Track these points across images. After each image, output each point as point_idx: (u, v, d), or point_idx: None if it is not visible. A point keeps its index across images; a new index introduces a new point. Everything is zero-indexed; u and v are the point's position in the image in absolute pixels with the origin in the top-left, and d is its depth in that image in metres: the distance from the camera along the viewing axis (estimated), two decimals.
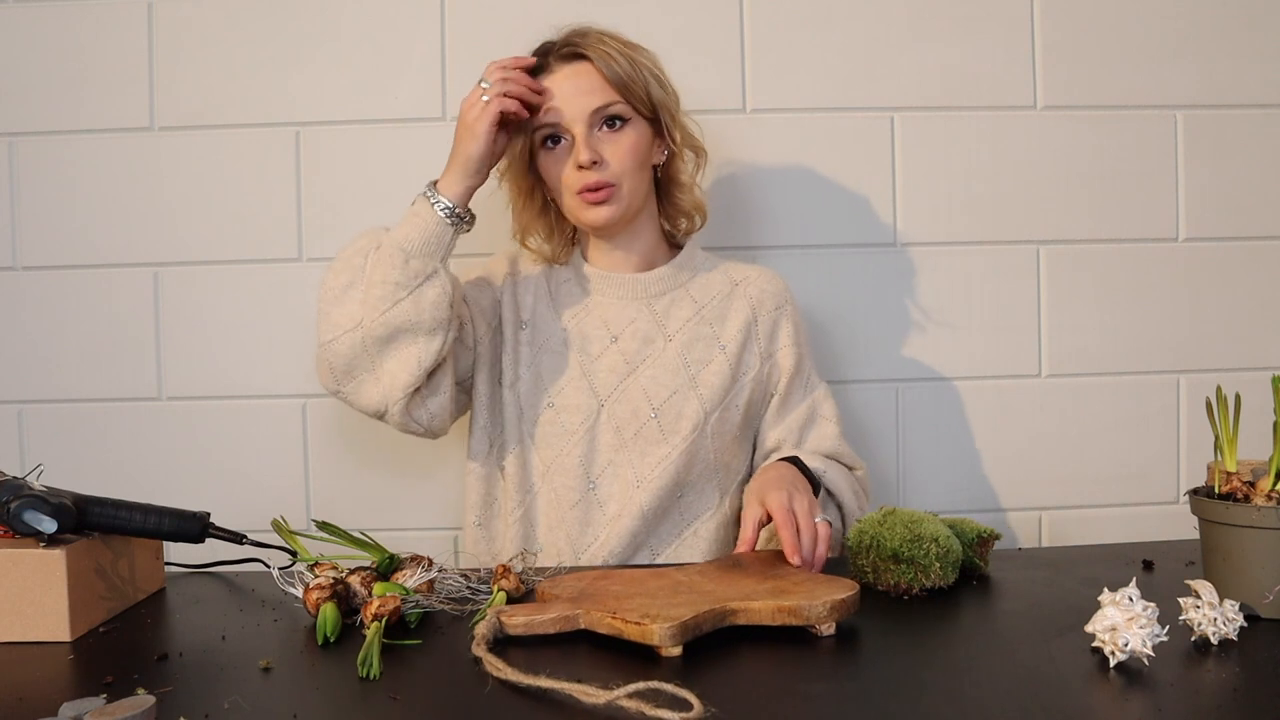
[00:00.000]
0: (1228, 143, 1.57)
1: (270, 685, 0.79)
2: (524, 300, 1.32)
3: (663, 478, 1.24)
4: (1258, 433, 1.01)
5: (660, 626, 0.81)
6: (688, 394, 1.26)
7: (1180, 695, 0.73)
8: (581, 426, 1.25)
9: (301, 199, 1.53)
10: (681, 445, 1.24)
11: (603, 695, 0.70)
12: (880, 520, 1.06)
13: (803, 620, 0.86)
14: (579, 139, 1.21)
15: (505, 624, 0.87)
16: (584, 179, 1.21)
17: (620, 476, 1.24)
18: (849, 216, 1.56)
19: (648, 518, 1.24)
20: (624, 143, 1.23)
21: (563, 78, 1.22)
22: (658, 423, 1.25)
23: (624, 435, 1.25)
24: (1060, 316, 1.58)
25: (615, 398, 1.25)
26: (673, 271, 1.32)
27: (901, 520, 1.04)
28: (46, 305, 1.53)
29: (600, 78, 1.21)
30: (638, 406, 1.25)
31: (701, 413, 1.26)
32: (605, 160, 1.21)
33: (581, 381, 1.26)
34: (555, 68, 1.23)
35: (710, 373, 1.27)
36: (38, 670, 0.84)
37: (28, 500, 0.93)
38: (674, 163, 1.31)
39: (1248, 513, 0.88)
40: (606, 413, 1.25)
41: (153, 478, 1.53)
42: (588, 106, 1.21)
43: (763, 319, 1.31)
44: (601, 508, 1.25)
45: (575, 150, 1.21)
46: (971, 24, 1.55)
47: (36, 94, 1.52)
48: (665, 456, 1.24)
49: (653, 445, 1.25)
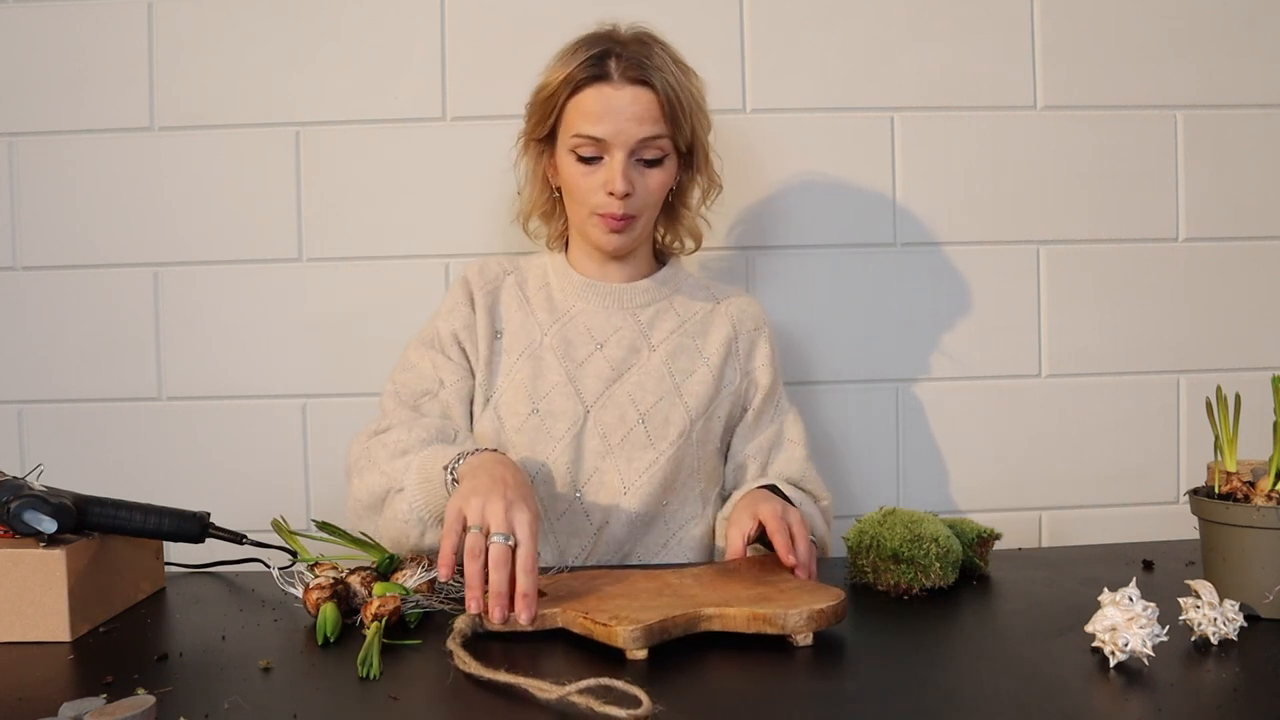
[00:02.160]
0: (1228, 143, 1.57)
1: (270, 685, 0.79)
2: (497, 309, 1.29)
3: (650, 483, 1.22)
4: (1258, 433, 1.01)
5: (625, 629, 0.81)
6: (674, 400, 1.25)
7: (1180, 695, 0.73)
8: (569, 433, 1.23)
9: (301, 199, 1.53)
10: (669, 451, 1.23)
11: (555, 690, 0.71)
12: (880, 520, 1.05)
13: (778, 629, 0.85)
14: (618, 166, 1.18)
15: (485, 620, 0.88)
16: (611, 206, 1.20)
17: (606, 484, 1.22)
18: (849, 216, 1.56)
19: (635, 524, 1.22)
20: (656, 179, 1.22)
21: (622, 99, 1.18)
22: (645, 428, 1.23)
23: (610, 441, 1.23)
24: (1060, 316, 1.58)
25: (602, 403, 1.24)
26: (657, 284, 1.31)
27: (901, 520, 1.04)
28: (46, 305, 1.53)
29: (657, 110, 1.19)
30: (624, 412, 1.24)
31: (687, 419, 1.25)
32: (635, 192, 1.20)
33: (568, 387, 1.24)
34: (617, 84, 1.18)
35: (695, 382, 1.27)
36: (38, 670, 0.84)
37: (28, 500, 0.93)
38: (688, 188, 1.31)
39: (1248, 513, 0.88)
40: (593, 419, 1.23)
41: (153, 478, 1.53)
42: (636, 135, 1.18)
43: (742, 337, 1.32)
44: (588, 517, 1.22)
45: (610, 175, 1.19)
46: (971, 24, 1.55)
47: (36, 94, 1.52)
48: (653, 461, 1.23)
49: (640, 450, 1.23)
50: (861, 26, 1.55)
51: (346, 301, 1.53)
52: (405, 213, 1.53)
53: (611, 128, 1.18)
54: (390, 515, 1.11)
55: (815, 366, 1.56)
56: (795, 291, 1.56)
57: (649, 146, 1.20)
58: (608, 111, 1.18)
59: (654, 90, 1.18)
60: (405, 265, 1.53)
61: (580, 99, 1.20)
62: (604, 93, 1.18)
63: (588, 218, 1.23)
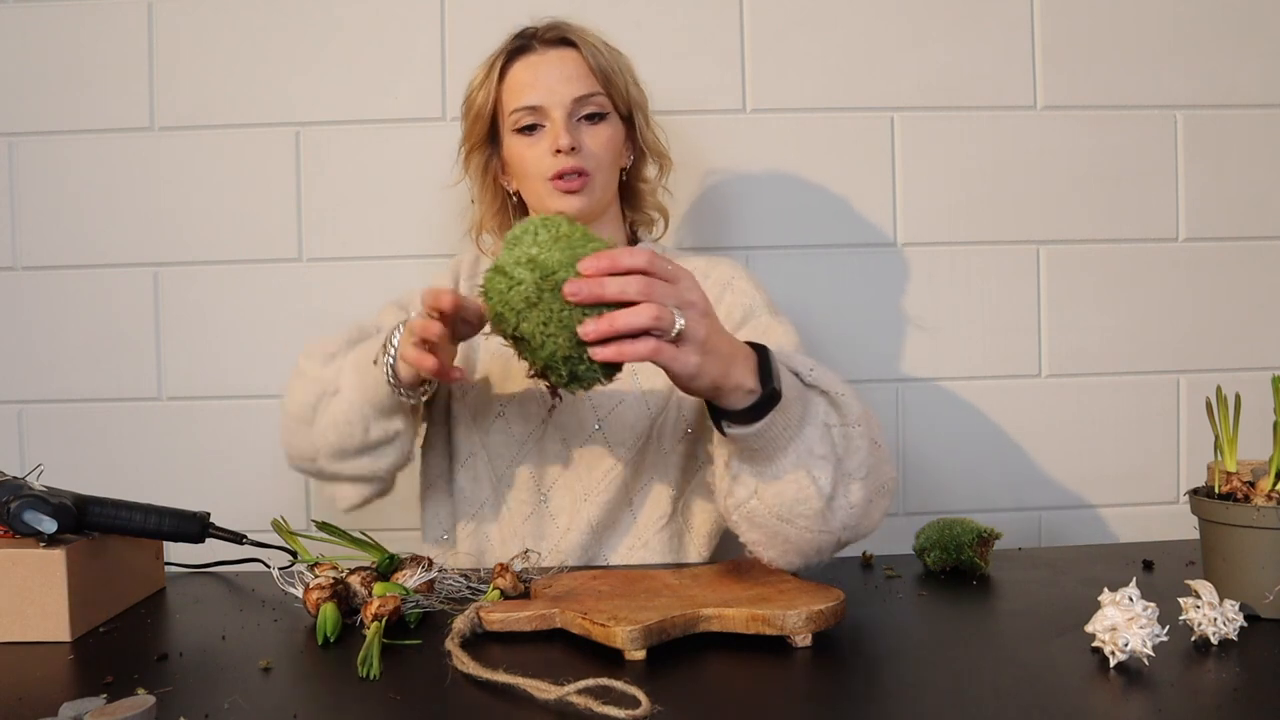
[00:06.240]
0: (1228, 143, 1.57)
1: (270, 685, 0.79)
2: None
3: (609, 490, 1.19)
4: (1258, 433, 1.01)
5: (624, 629, 0.81)
6: (633, 402, 1.21)
7: (1180, 695, 0.73)
8: (531, 437, 1.21)
9: (301, 199, 1.53)
10: (627, 456, 1.19)
11: (554, 691, 0.71)
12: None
13: (776, 629, 0.85)
14: (559, 124, 1.17)
15: (484, 620, 0.88)
16: (561, 164, 1.17)
17: (570, 489, 1.20)
18: (849, 216, 1.56)
19: (595, 531, 1.20)
20: (601, 135, 1.20)
21: (547, 62, 1.19)
22: (603, 434, 1.20)
23: (570, 446, 1.21)
24: (1060, 316, 1.58)
25: (561, 408, 1.21)
26: None
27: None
28: (46, 305, 1.53)
29: (585, 67, 1.19)
30: (584, 417, 1.20)
31: (648, 419, 1.20)
32: (583, 148, 1.19)
33: (533, 389, 1.22)
34: (540, 50, 1.20)
35: (654, 371, 1.17)
36: (38, 670, 0.84)
37: (28, 500, 0.93)
38: (640, 167, 1.30)
39: (1248, 513, 0.88)
40: (553, 424, 1.21)
41: (153, 478, 1.53)
42: (571, 94, 1.18)
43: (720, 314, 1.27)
44: (554, 519, 1.21)
45: (554, 135, 1.17)
46: (971, 24, 1.55)
47: (36, 94, 1.52)
48: (611, 469, 1.19)
49: (598, 459, 1.20)
50: (861, 26, 1.55)
51: (346, 301, 1.53)
52: (405, 213, 1.53)
53: (544, 91, 1.18)
54: (328, 421, 1.09)
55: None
56: (795, 291, 1.56)
57: (586, 104, 1.19)
58: (537, 78, 1.18)
59: (578, 49, 1.20)
60: (405, 265, 1.53)
61: (509, 79, 1.21)
62: (529, 62, 1.20)
63: (544, 188, 1.19)
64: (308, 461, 1.14)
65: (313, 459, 1.12)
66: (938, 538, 1.10)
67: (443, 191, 1.52)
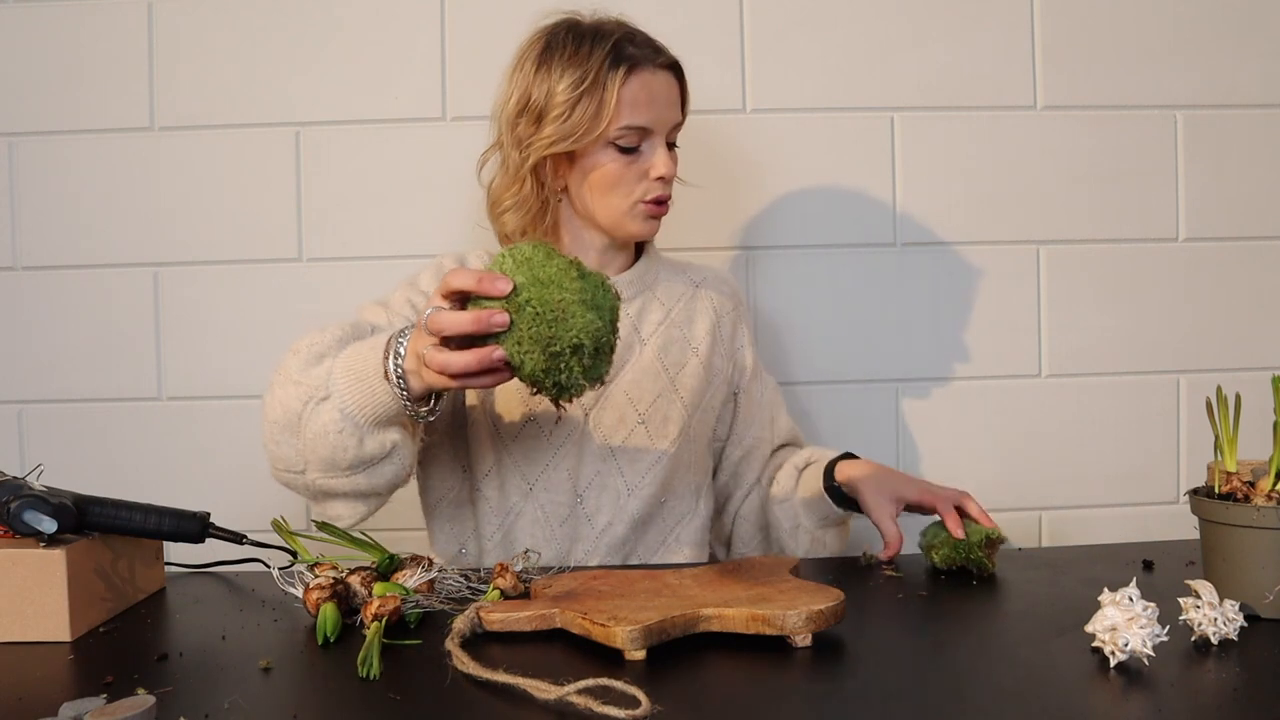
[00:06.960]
0: (1228, 143, 1.57)
1: (270, 685, 0.79)
2: None
3: (653, 484, 1.22)
4: (1258, 433, 1.01)
5: (624, 629, 0.81)
6: (671, 398, 1.24)
7: (1180, 695, 0.73)
8: (569, 438, 1.21)
9: (301, 199, 1.53)
10: (670, 450, 1.23)
11: (554, 691, 0.71)
12: None
13: (776, 629, 0.85)
14: (663, 150, 1.18)
15: (484, 620, 0.88)
16: (660, 190, 1.19)
17: (609, 486, 1.21)
18: (849, 216, 1.56)
19: (637, 525, 1.22)
20: (676, 163, 1.22)
21: (660, 85, 1.18)
22: (645, 429, 1.23)
23: (612, 443, 1.22)
24: (1060, 316, 1.58)
25: (600, 404, 1.22)
26: (639, 275, 1.29)
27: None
28: (46, 305, 1.53)
29: (678, 92, 1.21)
30: (624, 413, 1.22)
31: (685, 416, 1.25)
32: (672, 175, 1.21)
33: None
34: (652, 69, 1.17)
35: (687, 375, 1.26)
36: (38, 670, 0.84)
37: (28, 500, 0.93)
38: None
39: (1248, 513, 0.88)
40: (593, 421, 1.22)
41: (153, 478, 1.53)
42: (673, 119, 1.20)
43: (724, 321, 1.33)
44: (590, 521, 1.22)
45: (659, 160, 1.18)
46: (971, 24, 1.55)
47: (36, 94, 1.52)
48: (655, 462, 1.23)
49: (642, 452, 1.22)
50: (861, 26, 1.55)
51: (346, 301, 1.53)
52: (405, 213, 1.53)
53: (655, 115, 1.17)
54: (317, 430, 0.96)
55: (815, 366, 1.57)
56: (795, 291, 1.56)
57: (676, 130, 1.22)
58: (652, 99, 1.17)
59: (676, 74, 1.20)
60: (405, 265, 1.53)
61: (624, 91, 1.15)
62: (645, 80, 1.16)
63: (629, 210, 1.20)
64: (295, 474, 1.01)
65: (301, 470, 1.01)
66: (946, 535, 1.10)
67: (443, 191, 1.53)
